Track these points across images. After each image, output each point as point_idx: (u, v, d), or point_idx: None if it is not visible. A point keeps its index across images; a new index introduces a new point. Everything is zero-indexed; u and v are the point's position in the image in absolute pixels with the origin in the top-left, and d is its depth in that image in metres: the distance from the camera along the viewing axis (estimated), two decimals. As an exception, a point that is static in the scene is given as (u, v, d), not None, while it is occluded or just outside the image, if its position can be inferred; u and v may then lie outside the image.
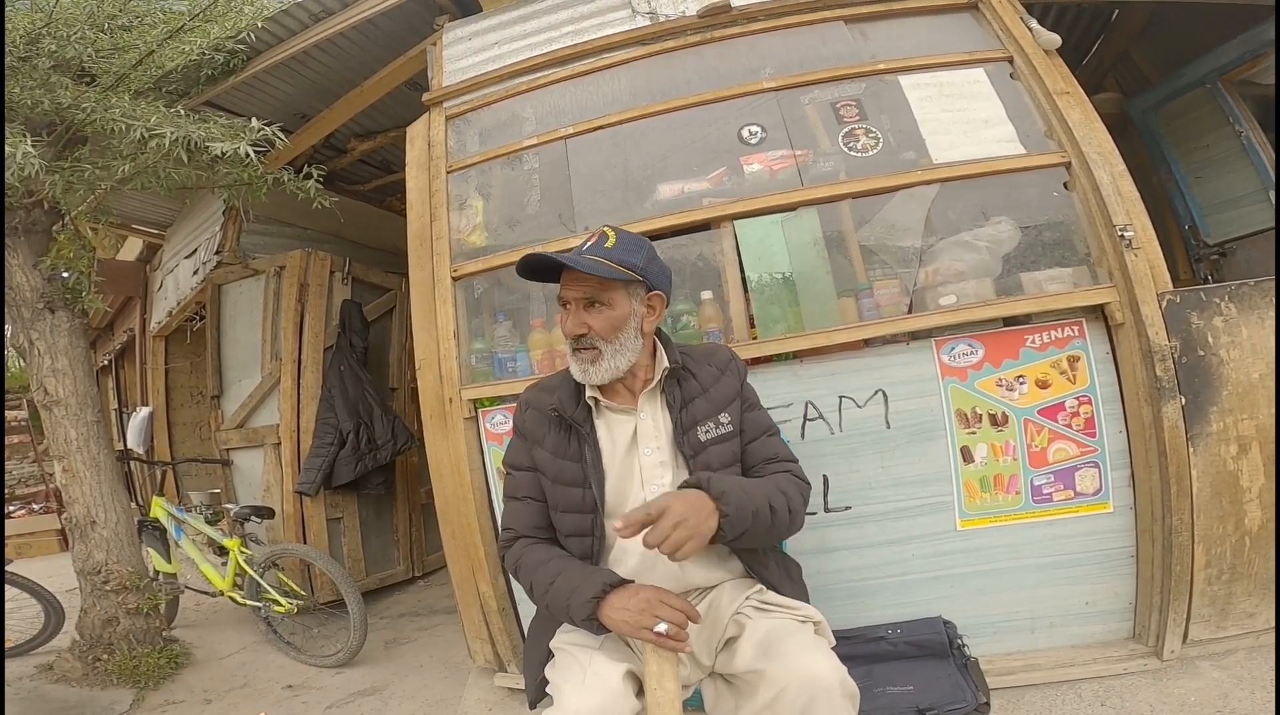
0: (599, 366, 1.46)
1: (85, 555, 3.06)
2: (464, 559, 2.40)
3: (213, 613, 4.00)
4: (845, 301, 2.20)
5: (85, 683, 2.95)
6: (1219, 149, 3.37)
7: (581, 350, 1.47)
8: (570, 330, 1.47)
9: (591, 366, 1.46)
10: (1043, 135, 2.28)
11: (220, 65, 3.14)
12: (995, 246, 2.16)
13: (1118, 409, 2.07)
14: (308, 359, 3.94)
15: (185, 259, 4.75)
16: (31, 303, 3.02)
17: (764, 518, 1.32)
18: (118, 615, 3.04)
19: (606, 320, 1.46)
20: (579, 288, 1.47)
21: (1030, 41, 2.39)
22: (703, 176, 2.41)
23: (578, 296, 1.47)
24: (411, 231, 2.60)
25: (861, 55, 2.50)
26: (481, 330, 2.50)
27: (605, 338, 1.45)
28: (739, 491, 1.30)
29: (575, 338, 1.47)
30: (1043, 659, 2.09)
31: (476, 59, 2.85)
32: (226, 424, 4.20)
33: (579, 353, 1.47)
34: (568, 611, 1.33)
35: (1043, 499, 2.09)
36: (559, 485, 1.47)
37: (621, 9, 2.75)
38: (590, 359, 1.46)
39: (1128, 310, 2.02)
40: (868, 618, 2.14)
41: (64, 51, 2.74)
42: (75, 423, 3.08)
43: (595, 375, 1.46)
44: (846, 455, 2.16)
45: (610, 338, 1.46)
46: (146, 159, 2.79)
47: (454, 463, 2.38)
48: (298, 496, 3.79)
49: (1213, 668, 1.98)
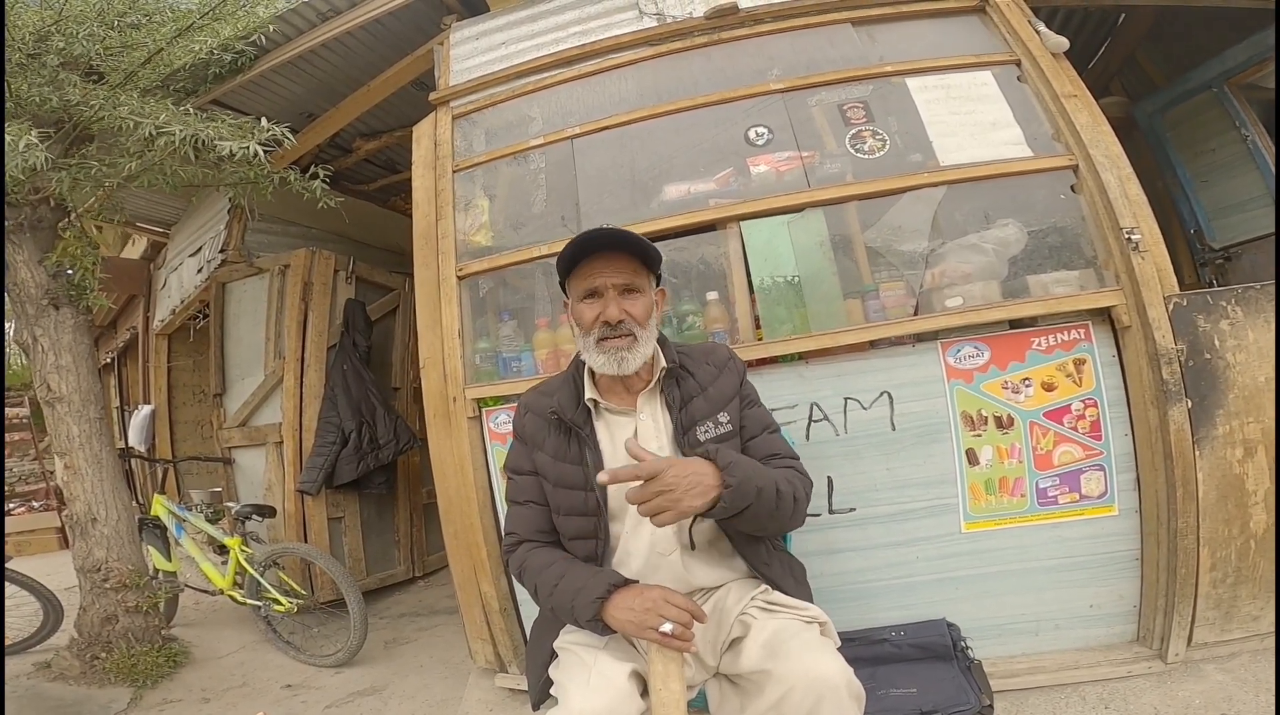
0: (635, 353, 1.44)
1: (85, 552, 3.06)
2: (466, 559, 2.40)
3: (212, 611, 3.99)
4: (851, 303, 2.20)
5: (83, 681, 2.94)
6: (1225, 153, 3.38)
7: (618, 337, 1.43)
8: (612, 316, 1.42)
9: (628, 353, 1.43)
10: (1050, 138, 2.28)
11: (228, 64, 3.15)
12: (1002, 249, 2.15)
13: (1124, 412, 2.07)
14: (311, 358, 3.94)
15: (190, 257, 4.76)
16: (36, 299, 3.02)
17: (769, 497, 1.31)
18: (117, 613, 3.03)
19: (642, 307, 1.46)
20: (617, 273, 1.45)
21: (1038, 44, 2.39)
22: (709, 177, 2.41)
23: (617, 282, 1.45)
24: (417, 231, 2.60)
25: (869, 57, 2.50)
26: (486, 330, 2.50)
27: (641, 324, 1.45)
28: (746, 465, 1.30)
29: (614, 325, 1.43)
30: (1047, 661, 2.08)
31: (483, 59, 2.85)
32: (229, 422, 4.20)
33: (614, 341, 1.43)
34: (573, 613, 1.32)
35: (1048, 502, 2.09)
36: (560, 488, 1.46)
37: (629, 10, 2.75)
38: (627, 346, 1.43)
39: (1134, 313, 2.02)
40: (872, 620, 2.13)
41: (72, 49, 2.75)
42: (78, 420, 3.08)
43: (631, 362, 1.44)
44: (851, 457, 2.15)
45: (644, 324, 1.46)
46: (153, 156, 2.80)
47: (457, 462, 2.37)
48: (299, 495, 3.78)
49: (1217, 670, 1.97)
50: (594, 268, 1.46)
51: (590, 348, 1.46)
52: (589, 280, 1.46)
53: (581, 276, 1.48)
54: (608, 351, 1.44)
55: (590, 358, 1.47)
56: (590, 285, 1.46)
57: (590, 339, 1.46)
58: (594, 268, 1.46)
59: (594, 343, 1.45)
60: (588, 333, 1.46)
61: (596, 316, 1.45)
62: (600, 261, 1.45)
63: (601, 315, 1.44)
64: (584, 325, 1.47)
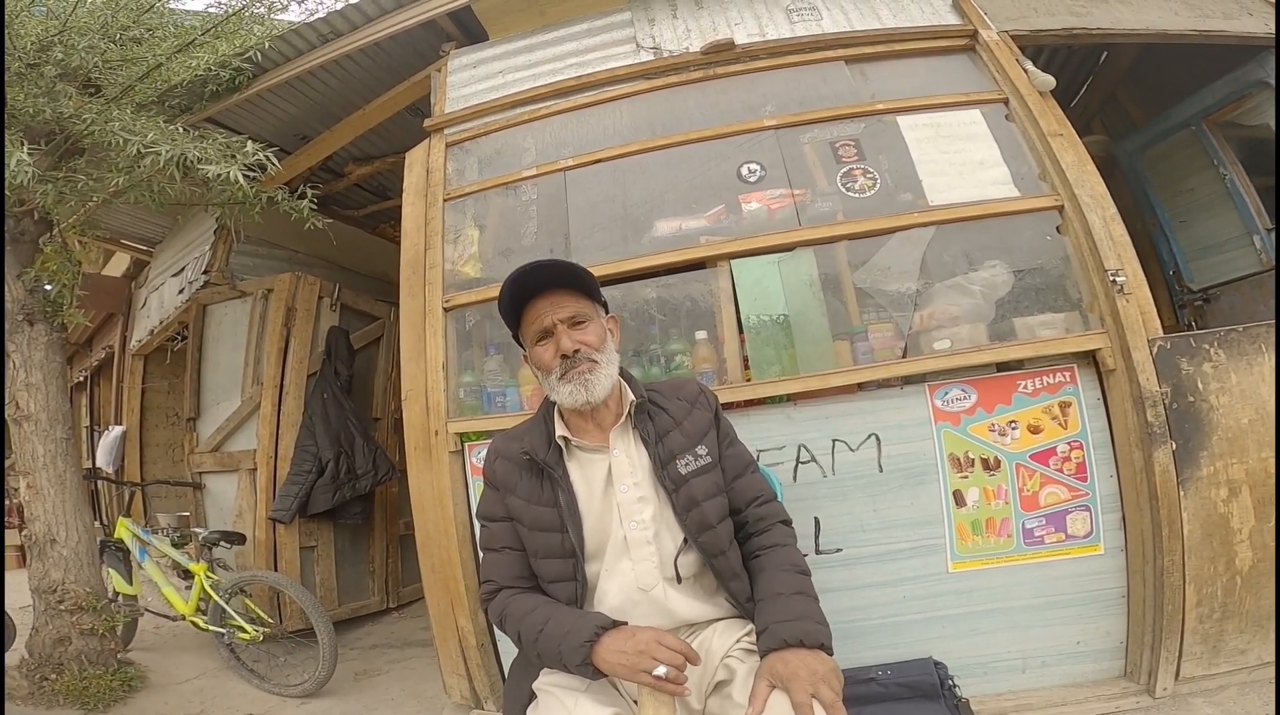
0: (598, 376, 1.43)
1: (42, 573, 2.97)
2: (443, 593, 2.34)
3: (172, 636, 3.84)
4: (840, 344, 2.20)
5: (30, 701, 2.84)
6: (1203, 192, 3.41)
7: (577, 366, 1.43)
8: (566, 348, 1.43)
9: (591, 377, 1.42)
10: (1036, 177, 2.32)
11: (225, 82, 3.15)
12: (989, 291, 2.18)
13: (1109, 453, 2.08)
14: (290, 385, 3.87)
15: (172, 277, 4.68)
16: (11, 314, 2.96)
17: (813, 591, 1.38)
18: (70, 635, 2.93)
19: (594, 334, 1.47)
20: (561, 308, 1.46)
21: (1025, 83, 2.45)
22: (701, 214, 2.42)
23: (562, 317, 1.46)
24: (405, 259, 2.58)
25: (861, 95, 2.55)
26: (471, 363, 2.47)
27: (597, 349, 1.45)
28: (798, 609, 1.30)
29: (569, 356, 1.43)
30: (1034, 698, 2.06)
31: (480, 87, 2.88)
32: (201, 447, 4.11)
33: (574, 370, 1.43)
34: (560, 658, 1.28)
35: (1034, 541, 2.08)
36: (536, 531, 1.43)
37: (626, 43, 2.80)
38: (589, 370, 1.43)
39: (1119, 356, 2.04)
40: (859, 659, 2.09)
41: (70, 60, 2.74)
42: (44, 439, 3.00)
43: (597, 387, 1.43)
44: (838, 498, 2.14)
45: (600, 349, 1.46)
46: (141, 173, 2.77)
47: (437, 496, 2.33)
48: (271, 523, 3.69)
49: (1205, 704, 1.98)
50: (538, 310, 1.47)
51: (555, 385, 1.46)
52: (536, 323, 1.48)
53: (529, 322, 1.49)
54: (573, 381, 1.43)
55: (558, 395, 1.46)
56: (539, 327, 1.47)
57: (554, 378, 1.46)
58: (538, 310, 1.47)
59: (557, 379, 1.45)
60: (549, 373, 1.47)
61: (554, 354, 1.45)
62: (543, 302, 1.47)
63: (559, 350, 1.45)
64: (545, 366, 1.47)
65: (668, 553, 1.41)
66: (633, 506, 1.42)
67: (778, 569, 1.39)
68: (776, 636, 1.24)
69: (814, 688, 1.14)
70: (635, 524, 1.41)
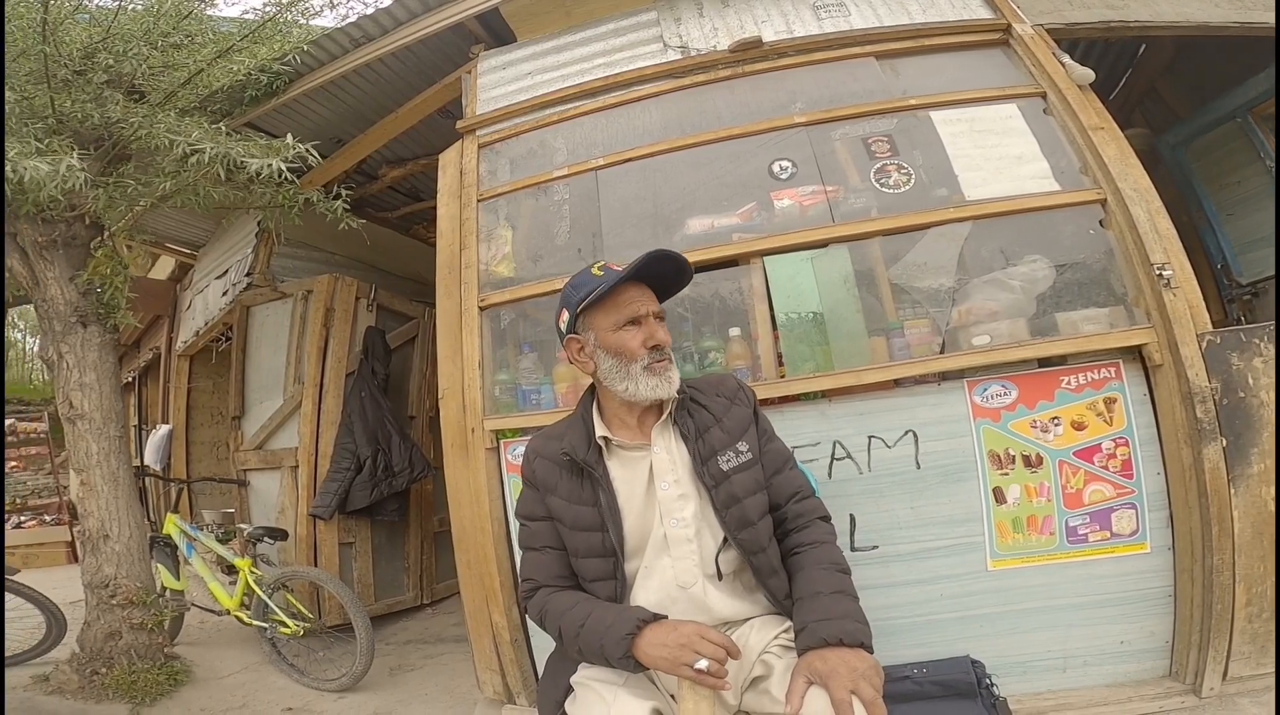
0: (674, 374, 1.48)
1: (95, 568, 3.05)
2: (478, 588, 2.36)
3: (216, 631, 3.94)
4: (875, 341, 2.18)
5: (81, 695, 2.91)
6: (1250, 185, 3.32)
7: (663, 359, 1.46)
8: (663, 340, 1.47)
9: (671, 373, 1.47)
10: (1077, 172, 2.27)
11: (264, 87, 3.22)
12: (1029, 286, 2.13)
13: (1155, 451, 2.03)
14: (329, 384, 3.96)
15: (216, 279, 4.82)
16: (64, 316, 3.06)
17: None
18: (121, 630, 3.01)
19: (668, 333, 1.51)
20: (651, 302, 1.51)
21: (1063, 76, 2.39)
22: (732, 211, 2.42)
23: (655, 310, 1.51)
24: (440, 260, 2.62)
25: (892, 91, 2.51)
26: (506, 361, 2.49)
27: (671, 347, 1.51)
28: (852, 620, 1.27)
29: (658, 348, 1.46)
30: (1075, 698, 2.02)
31: (510, 88, 2.90)
32: (246, 445, 4.21)
33: (660, 363, 1.46)
34: (602, 651, 1.29)
35: (1078, 540, 2.04)
36: (577, 531, 1.44)
37: (653, 43, 2.80)
38: (670, 367, 1.47)
39: (1166, 351, 1.99)
40: (894, 657, 2.06)
41: (120, 67, 2.82)
42: (98, 437, 3.09)
43: (675, 382, 1.47)
44: (874, 495, 2.12)
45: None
46: (187, 176, 2.85)
47: (473, 493, 2.35)
48: (311, 520, 3.77)
49: (1252, 704, 1.93)
50: (630, 296, 1.48)
51: (637, 374, 1.45)
52: (628, 308, 1.48)
53: (619, 304, 1.48)
54: (659, 374, 1.45)
55: (635, 384, 1.45)
56: (630, 313, 1.47)
57: (637, 366, 1.45)
58: (630, 296, 1.48)
59: (642, 368, 1.45)
60: (632, 360, 1.45)
61: (641, 342, 1.46)
62: (635, 290, 1.49)
63: (648, 340, 1.46)
64: (629, 353, 1.46)
65: (708, 550, 1.41)
66: (673, 504, 1.43)
67: (817, 567, 1.39)
68: (816, 636, 1.23)
69: (854, 684, 1.13)
70: (676, 521, 1.41)
